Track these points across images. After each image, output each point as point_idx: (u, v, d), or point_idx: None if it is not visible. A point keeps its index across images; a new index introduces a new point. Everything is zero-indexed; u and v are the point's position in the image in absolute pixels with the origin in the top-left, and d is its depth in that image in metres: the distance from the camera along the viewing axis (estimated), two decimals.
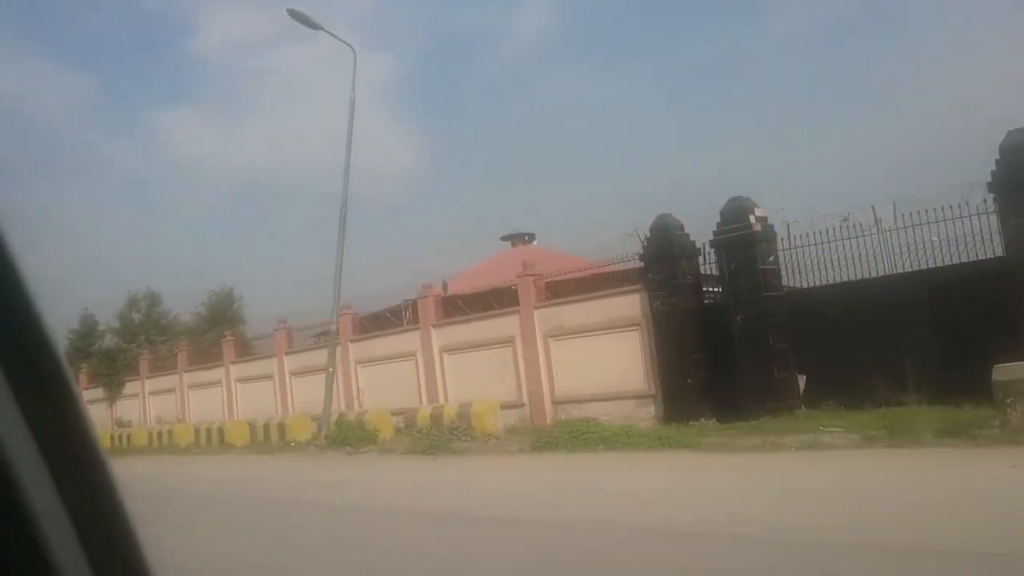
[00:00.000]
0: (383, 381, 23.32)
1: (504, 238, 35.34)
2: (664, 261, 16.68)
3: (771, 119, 60.55)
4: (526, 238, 34.73)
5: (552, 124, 71.01)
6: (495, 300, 21.00)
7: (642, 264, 17.43)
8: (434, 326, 21.92)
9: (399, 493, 11.00)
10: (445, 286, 22.88)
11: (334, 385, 24.72)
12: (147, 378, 35.35)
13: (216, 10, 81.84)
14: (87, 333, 48.90)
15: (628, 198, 54.02)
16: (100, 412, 38.16)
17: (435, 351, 21.85)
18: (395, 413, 21.39)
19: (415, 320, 23.24)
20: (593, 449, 13.41)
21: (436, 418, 16.42)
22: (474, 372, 20.81)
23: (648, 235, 17.06)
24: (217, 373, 30.61)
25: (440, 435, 15.20)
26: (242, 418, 27.88)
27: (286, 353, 27.24)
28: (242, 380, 29.39)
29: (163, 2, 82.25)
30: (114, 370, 37.10)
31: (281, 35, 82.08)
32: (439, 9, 77.54)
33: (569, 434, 14.10)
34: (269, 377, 27.79)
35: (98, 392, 38.45)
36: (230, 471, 16.25)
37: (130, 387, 36.49)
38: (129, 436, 27.27)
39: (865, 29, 56.82)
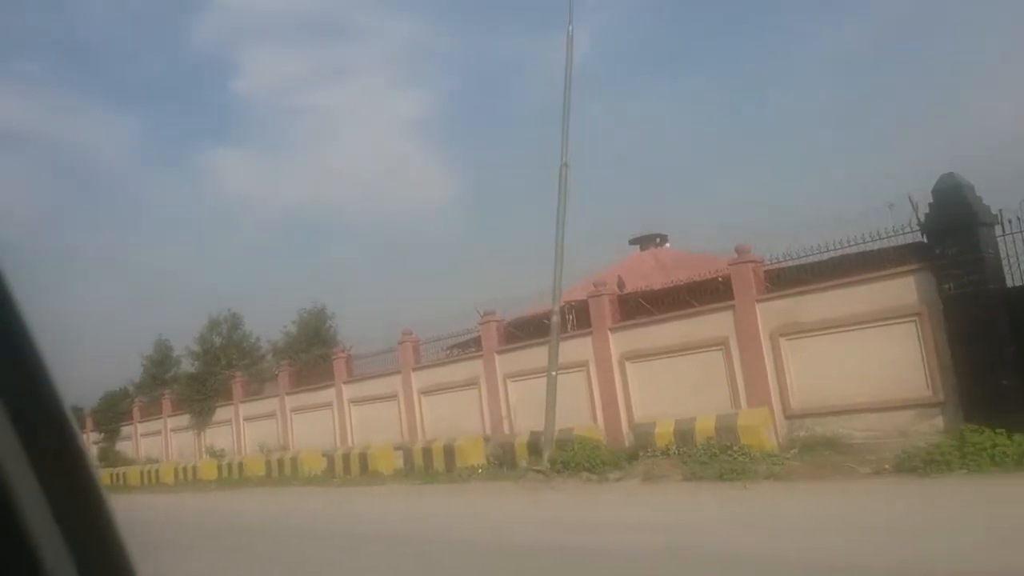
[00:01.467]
0: (540, 397, 19.98)
1: (633, 241, 32.00)
2: (958, 232, 13.15)
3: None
4: (657, 240, 31.37)
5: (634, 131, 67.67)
6: (692, 296, 17.61)
7: (917, 238, 13.93)
8: (611, 330, 18.58)
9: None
10: (621, 284, 19.54)
11: (480, 403, 21.54)
12: (242, 402, 32.48)
13: (257, 51, 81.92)
14: (162, 360, 46.77)
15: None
16: (188, 441, 35.54)
17: (614, 359, 18.48)
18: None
19: (580, 324, 19.95)
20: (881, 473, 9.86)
21: (684, 434, 12.91)
22: (665, 382, 17.41)
23: (929, 201, 13.56)
24: (326, 395, 27.57)
25: (713, 455, 11.75)
26: (359, 443, 24.83)
27: (414, 369, 24.08)
28: (357, 401, 26.28)
29: (208, 45, 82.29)
30: (203, 395, 34.38)
31: (318, 74, 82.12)
32: (475, 41, 76.14)
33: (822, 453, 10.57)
34: (392, 397, 24.63)
35: (184, 420, 35.87)
36: (491, 513, 12.01)
37: (221, 413, 33.69)
38: (241, 465, 24.25)
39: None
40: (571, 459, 12.93)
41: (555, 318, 14.50)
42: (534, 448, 15.42)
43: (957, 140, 43.55)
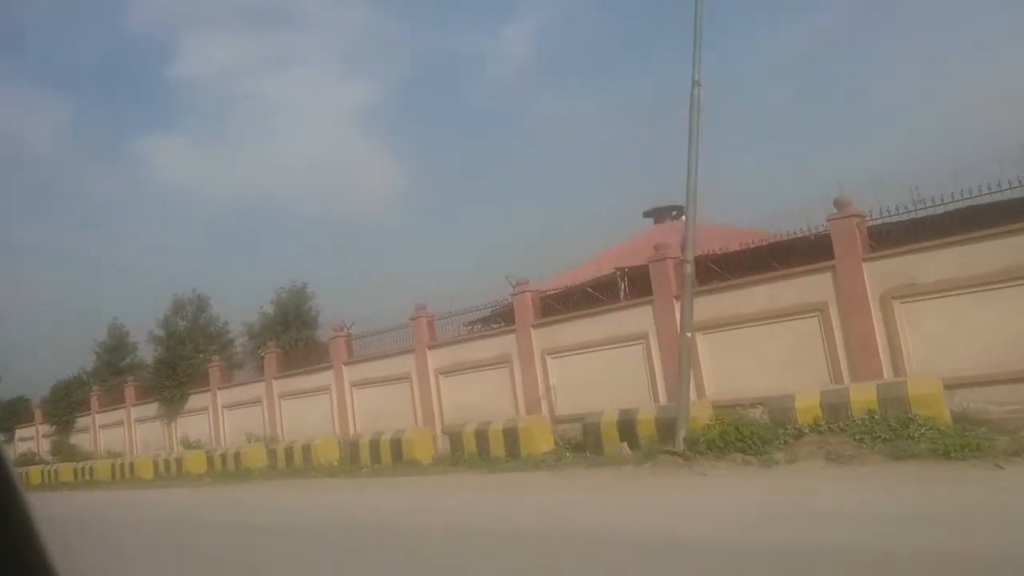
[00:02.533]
0: (585, 374, 17.87)
1: (647, 214, 30.06)
2: None
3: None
4: (673, 213, 29.42)
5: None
6: (774, 259, 15.67)
7: None
8: (678, 298, 16.50)
9: None
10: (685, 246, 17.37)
11: (512, 381, 19.32)
12: (220, 389, 29.56)
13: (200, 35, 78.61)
14: (117, 346, 43.37)
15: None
16: (156, 431, 32.44)
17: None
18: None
19: (633, 293, 17.88)
20: None
21: (835, 408, 10.76)
22: (747, 353, 15.45)
23: None
24: (322, 378, 24.96)
25: (894, 430, 9.67)
26: (365, 429, 22.35)
27: (430, 347, 21.67)
28: (360, 384, 23.75)
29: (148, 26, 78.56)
30: (175, 381, 31.30)
31: (265, 61, 79.53)
32: (425, 33, 74.67)
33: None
34: (403, 378, 22.21)
35: (151, 409, 32.72)
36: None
37: (195, 400, 30.70)
38: (237, 456, 21.50)
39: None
40: (718, 438, 10.68)
41: (689, 268, 12.16)
42: (626, 428, 13.23)
43: None
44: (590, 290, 18.64)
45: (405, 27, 79.70)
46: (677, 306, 16.41)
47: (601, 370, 17.59)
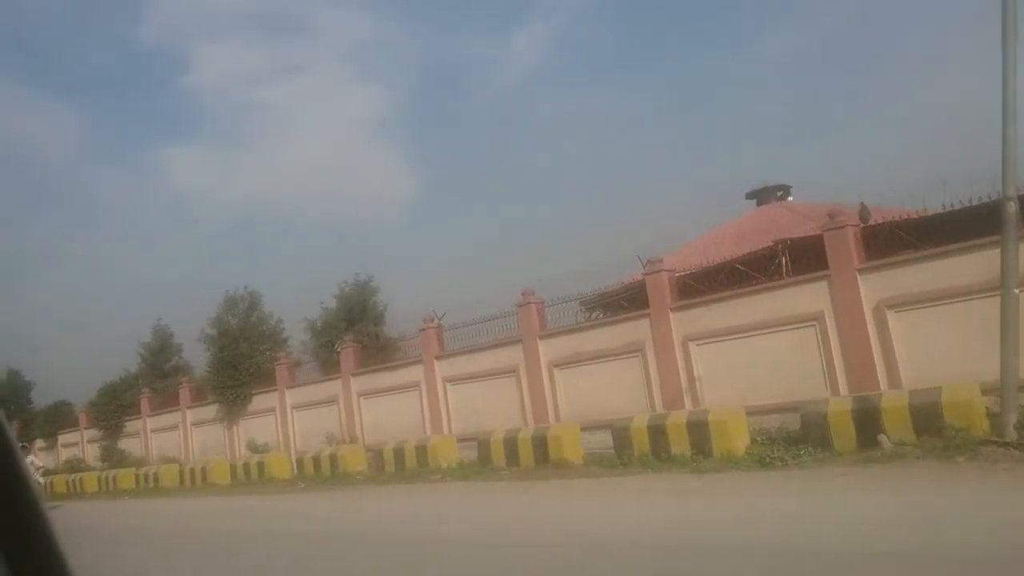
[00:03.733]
0: (739, 363, 15.66)
1: (750, 195, 27.87)
2: None
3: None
4: (779, 193, 27.25)
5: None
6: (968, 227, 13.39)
7: None
8: (860, 271, 14.28)
9: None
10: (865, 212, 15.14)
11: (644, 372, 17.16)
12: (290, 388, 27.54)
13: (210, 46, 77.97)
14: (161, 347, 41.51)
15: None
16: (214, 434, 30.44)
17: (867, 308, 14.18)
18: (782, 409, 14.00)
19: (794, 268, 15.65)
20: None
21: None
22: (945, 334, 13.19)
23: None
24: (410, 374, 22.87)
25: None
26: (458, 429, 20.26)
27: (541, 336, 19.52)
28: (455, 380, 21.62)
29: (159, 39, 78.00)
30: (238, 380, 29.32)
31: (273, 70, 79.14)
32: (432, 38, 74.02)
33: None
34: (509, 372, 20.05)
35: (209, 411, 30.76)
36: None
37: (260, 401, 28.70)
38: (333, 458, 19.34)
39: None
40: None
41: (1011, 206, 9.65)
42: (865, 418, 10.95)
43: None
44: (740, 267, 16.42)
45: (413, 33, 79.02)
46: (861, 279, 14.22)
47: (760, 357, 15.38)
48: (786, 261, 15.75)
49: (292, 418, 27.17)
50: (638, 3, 71.21)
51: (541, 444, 14.19)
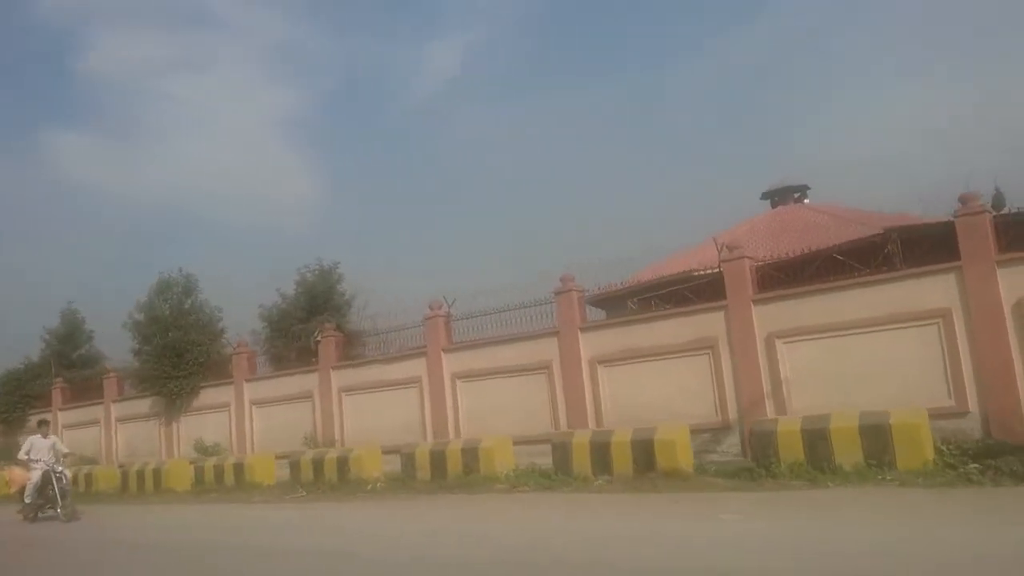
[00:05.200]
0: (836, 364, 13.84)
1: (766, 195, 26.46)
2: None
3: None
4: (796, 195, 25.97)
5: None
6: None
7: None
8: (1000, 263, 12.69)
9: None
10: (1000, 199, 13.59)
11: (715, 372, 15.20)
12: (248, 381, 24.10)
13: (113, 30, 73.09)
14: (71, 334, 36.81)
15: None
16: (146, 432, 26.55)
17: (1006, 308, 12.59)
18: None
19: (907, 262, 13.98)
20: None
21: None
22: None
23: None
24: (408, 368, 20.05)
25: None
26: (468, 432, 17.70)
27: (582, 329, 17.20)
28: (466, 376, 18.98)
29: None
30: (183, 371, 25.55)
31: (180, 61, 75.20)
32: (351, 45, 72.82)
33: None
34: (538, 369, 17.61)
35: (140, 405, 26.79)
36: None
37: (209, 396, 25.07)
38: (346, 462, 16.40)
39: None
40: None
41: None
42: None
43: None
44: (839, 257, 14.64)
45: (332, 38, 77.21)
46: (1001, 273, 12.63)
47: (866, 357, 13.57)
48: (897, 250, 14.05)
49: (251, 415, 23.73)
50: (558, 22, 72.09)
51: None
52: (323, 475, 16.35)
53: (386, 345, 21.44)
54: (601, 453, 12.39)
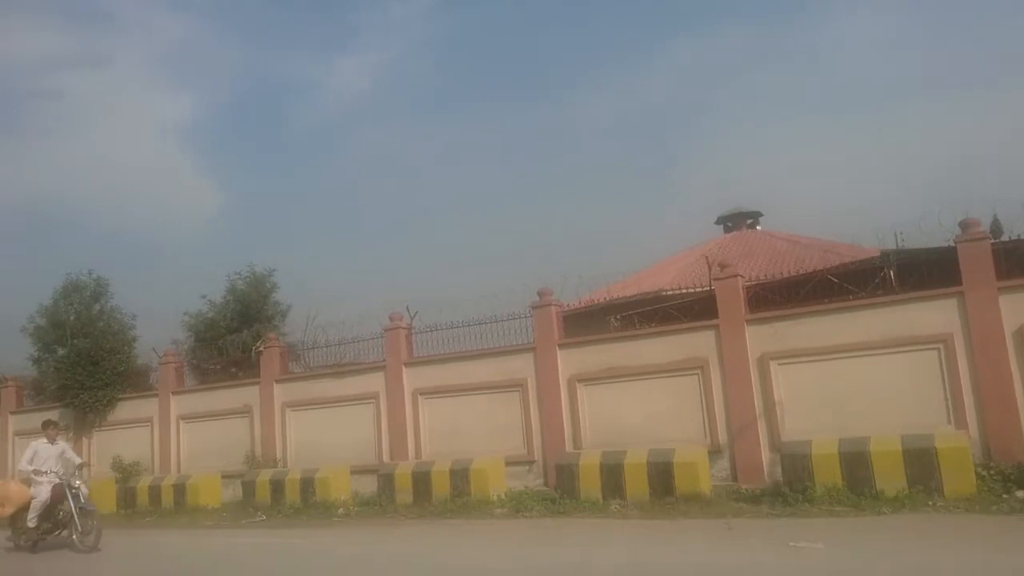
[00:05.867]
0: (832, 387, 13.63)
1: (721, 220, 26.51)
2: None
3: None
4: (748, 221, 26.13)
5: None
6: None
7: None
8: (1002, 290, 12.75)
9: None
10: (997, 227, 13.70)
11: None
12: (176, 394, 22.14)
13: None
14: None
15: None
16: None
17: (1007, 334, 12.64)
18: None
19: (904, 285, 13.90)
20: None
21: None
22: None
23: None
24: (364, 383, 18.78)
25: None
26: (432, 453, 16.65)
27: (560, 345, 16.44)
28: (430, 393, 17.88)
29: None
30: (98, 382, 23.25)
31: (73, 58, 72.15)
32: (254, 54, 72.10)
33: None
34: (511, 386, 16.72)
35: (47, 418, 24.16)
36: None
37: (129, 409, 22.91)
38: (314, 483, 14.89)
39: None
40: None
41: None
42: None
43: None
44: (833, 278, 14.49)
45: (235, 46, 75.46)
46: (1002, 300, 12.69)
47: (862, 381, 13.40)
48: (890, 274, 14.00)
49: (178, 431, 21.75)
50: (468, 48, 72.87)
51: (664, 471, 11.16)
52: (283, 498, 14.89)
53: (337, 358, 20.04)
54: (613, 476, 11.64)
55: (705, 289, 15.65)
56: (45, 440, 12.65)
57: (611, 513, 11.01)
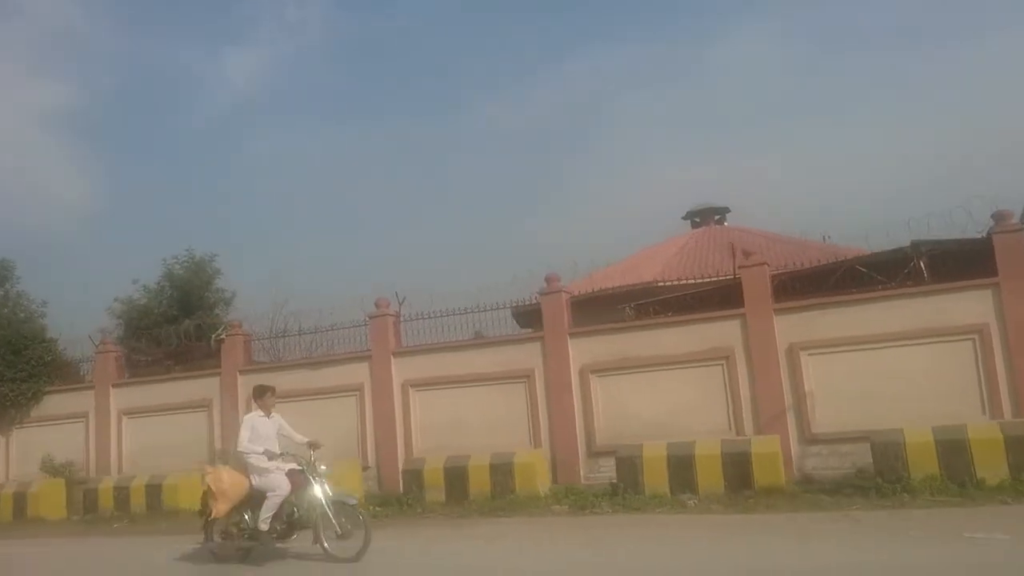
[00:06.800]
0: (868, 378, 13.46)
1: (689, 215, 26.31)
2: None
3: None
4: (716, 217, 26.07)
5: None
6: None
7: None
8: None
9: None
10: None
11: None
12: (116, 386, 19.95)
13: None
14: None
15: None
16: None
17: None
18: None
19: (934, 276, 13.89)
20: None
21: None
22: None
23: None
24: (345, 374, 17.40)
25: None
26: (423, 450, 15.58)
27: (571, 335, 15.65)
28: (421, 385, 16.72)
29: None
30: (22, 373, 20.67)
31: None
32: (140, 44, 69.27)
33: None
34: (515, 377, 15.82)
35: None
36: None
37: (57, 404, 20.48)
38: None
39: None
40: None
41: None
42: None
43: None
44: (861, 268, 14.33)
45: (119, 33, 71.56)
46: None
47: (890, 371, 13.27)
48: (921, 264, 13.95)
49: (119, 428, 19.59)
50: (368, 52, 71.86)
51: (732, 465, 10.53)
52: None
53: (309, 348, 18.53)
54: (682, 468, 10.94)
55: (728, 278, 15.20)
56: (259, 412, 9.32)
57: (688, 509, 10.30)
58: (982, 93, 53.37)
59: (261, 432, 9.05)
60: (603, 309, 18.73)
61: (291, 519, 8.73)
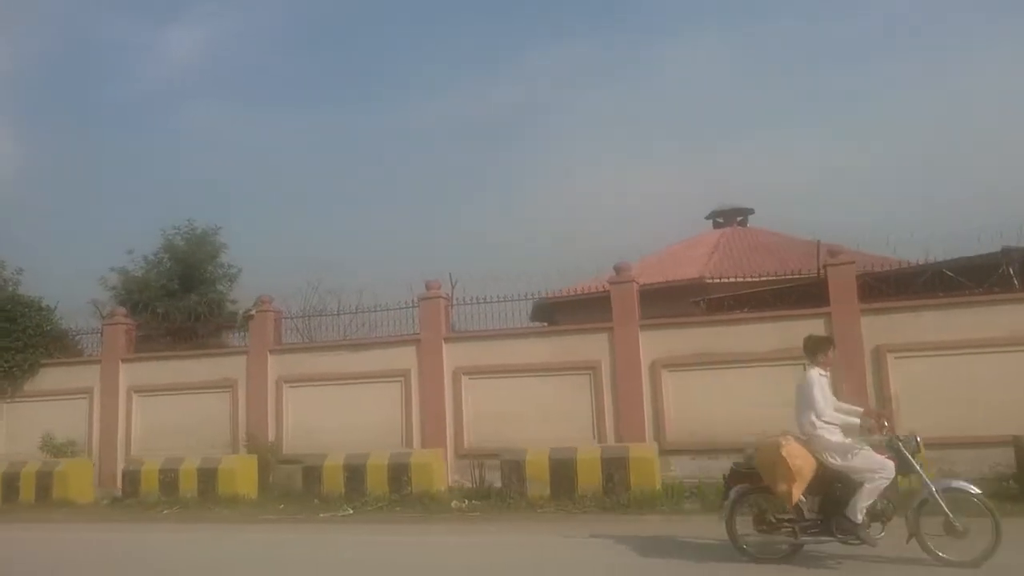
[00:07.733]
0: (955, 381, 13.24)
1: (712, 215, 25.96)
2: None
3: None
4: (739, 218, 25.78)
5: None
6: None
7: None
8: None
9: None
10: None
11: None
12: (126, 361, 18.52)
13: None
14: None
15: None
16: None
17: None
18: None
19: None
20: None
21: None
22: None
23: None
24: (387, 358, 16.43)
25: None
26: (473, 441, 14.85)
27: (642, 326, 15.04)
28: (474, 373, 15.89)
29: None
30: (18, 343, 19.00)
31: None
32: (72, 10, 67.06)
33: None
34: (582, 368, 15.13)
35: None
36: None
37: (56, 378, 18.92)
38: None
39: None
40: None
41: None
42: None
43: None
44: (949, 273, 14.08)
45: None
46: None
47: (980, 377, 13.08)
48: (1011, 271, 13.77)
49: (129, 406, 18.18)
50: (318, 37, 70.57)
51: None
52: (320, 487, 12.41)
53: (349, 329, 17.47)
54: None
55: (810, 276, 14.81)
56: (820, 370, 7.58)
57: None
58: None
59: (828, 395, 7.46)
60: (645, 304, 18.23)
61: (872, 509, 7.02)
